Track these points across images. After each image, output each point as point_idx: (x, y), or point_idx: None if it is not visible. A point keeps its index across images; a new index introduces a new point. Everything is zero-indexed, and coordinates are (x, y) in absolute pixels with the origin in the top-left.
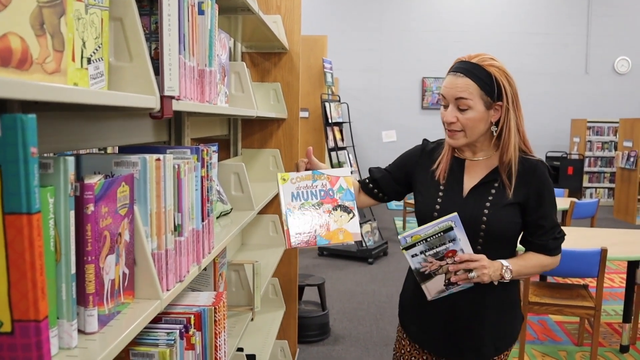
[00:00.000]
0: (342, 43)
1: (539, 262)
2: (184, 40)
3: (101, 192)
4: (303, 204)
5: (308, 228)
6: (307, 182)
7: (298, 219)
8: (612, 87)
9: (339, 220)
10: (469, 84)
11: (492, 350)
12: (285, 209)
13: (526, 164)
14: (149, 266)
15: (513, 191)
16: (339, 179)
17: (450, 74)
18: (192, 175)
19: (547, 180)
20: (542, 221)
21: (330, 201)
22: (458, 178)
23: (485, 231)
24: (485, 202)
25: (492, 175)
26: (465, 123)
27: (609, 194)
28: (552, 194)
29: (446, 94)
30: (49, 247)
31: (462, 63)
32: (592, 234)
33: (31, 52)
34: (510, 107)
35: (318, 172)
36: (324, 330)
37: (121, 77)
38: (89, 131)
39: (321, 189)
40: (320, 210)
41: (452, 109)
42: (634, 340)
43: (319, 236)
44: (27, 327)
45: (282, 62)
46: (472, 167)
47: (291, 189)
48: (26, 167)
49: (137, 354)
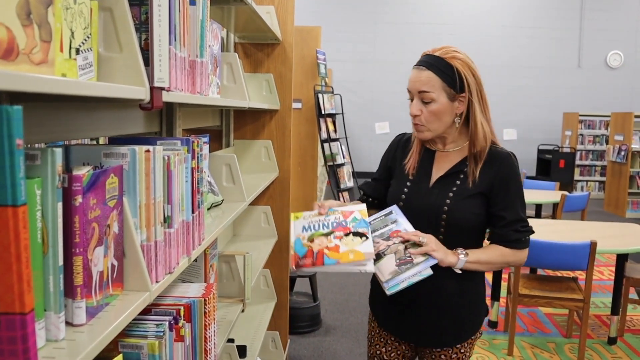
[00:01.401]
0: (336, 34)
1: (499, 253)
2: (175, 30)
3: (89, 184)
4: (313, 234)
5: (315, 251)
6: (317, 217)
7: (305, 247)
8: (604, 81)
9: (350, 243)
10: (431, 77)
11: (452, 339)
12: (294, 239)
13: (495, 154)
14: (138, 258)
15: (478, 181)
16: (353, 212)
17: (415, 68)
18: (182, 167)
19: (515, 172)
20: (505, 212)
21: (343, 229)
22: (427, 169)
23: (446, 221)
24: (449, 193)
25: (460, 166)
26: (428, 116)
27: (600, 187)
28: (518, 186)
29: (410, 87)
30: (36, 239)
31: (426, 57)
32: (582, 227)
33: (17, 42)
34: (474, 99)
35: (332, 209)
36: (315, 322)
37: (111, 67)
38: (80, 122)
39: (334, 221)
40: (330, 237)
41: (416, 102)
42: (621, 332)
43: (327, 256)
44: (13, 320)
45: (275, 53)
46: (442, 158)
47: (303, 223)
48: (11, 159)
49: (126, 345)
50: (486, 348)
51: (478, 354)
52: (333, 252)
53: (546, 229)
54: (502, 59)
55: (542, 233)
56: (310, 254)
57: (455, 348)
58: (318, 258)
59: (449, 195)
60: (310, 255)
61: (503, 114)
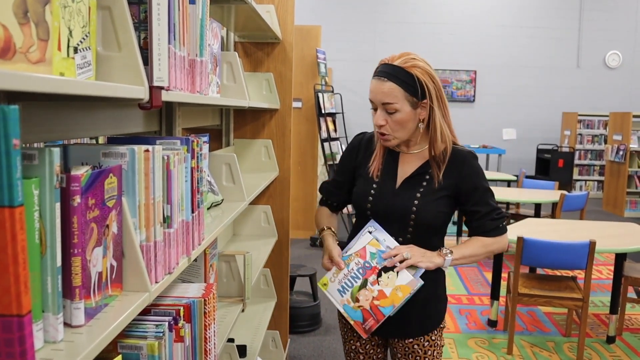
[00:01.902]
0: (336, 33)
1: (481, 244)
2: (174, 29)
3: (88, 184)
4: (352, 293)
5: (368, 308)
6: (342, 273)
7: (357, 309)
8: (603, 81)
9: (389, 282)
10: (394, 87)
11: (418, 329)
12: (342, 308)
13: (456, 156)
14: (138, 258)
15: (443, 182)
16: (365, 248)
17: (375, 78)
18: (181, 167)
19: (477, 169)
20: (478, 207)
21: (371, 272)
22: (392, 170)
23: (415, 220)
24: (416, 193)
25: (425, 167)
26: (393, 125)
27: (598, 187)
28: (483, 180)
29: (373, 98)
30: (33, 240)
31: (386, 66)
32: (581, 226)
33: (14, 41)
34: (434, 105)
35: (346, 257)
36: (315, 321)
37: (109, 67)
38: (79, 121)
39: (357, 268)
40: (369, 287)
41: (380, 113)
42: (620, 331)
43: (380, 308)
44: (10, 322)
45: (275, 52)
46: (406, 159)
47: (335, 287)
48: (8, 159)
49: (125, 346)
50: (486, 347)
51: (478, 353)
52: (383, 299)
53: (545, 228)
54: (501, 59)
55: (541, 232)
56: (368, 314)
57: (426, 336)
58: (377, 314)
59: (417, 196)
60: (368, 315)
61: (502, 113)
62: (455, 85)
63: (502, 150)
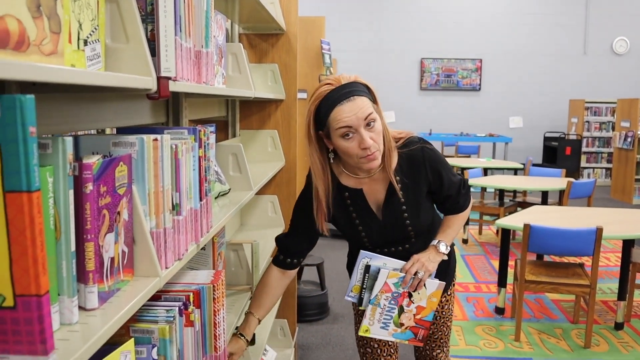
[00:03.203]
0: (340, 24)
1: (460, 220)
2: (180, 21)
3: (99, 172)
4: (395, 322)
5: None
6: (377, 312)
7: (406, 330)
8: (611, 68)
9: (421, 296)
10: (364, 100)
11: None
12: (392, 338)
13: (412, 156)
14: (148, 244)
15: (416, 188)
16: (386, 283)
17: (343, 103)
18: (189, 155)
19: (436, 158)
20: (449, 191)
21: (402, 297)
22: (364, 206)
23: (414, 231)
24: (403, 213)
25: (391, 186)
26: (377, 138)
27: (606, 174)
28: (445, 164)
29: (354, 121)
30: (49, 226)
31: (341, 88)
32: (588, 213)
33: (28, 34)
34: (380, 108)
35: (374, 300)
36: (323, 310)
37: (118, 58)
38: (87, 113)
39: (389, 302)
40: (407, 310)
41: (365, 132)
42: (628, 317)
43: (424, 318)
44: (29, 301)
45: (279, 43)
46: (370, 187)
47: (378, 327)
48: (25, 146)
49: (137, 330)
50: (493, 334)
51: (485, 340)
52: (423, 312)
53: (552, 215)
54: (507, 47)
55: (548, 220)
56: (416, 329)
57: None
58: (423, 324)
59: (405, 215)
60: (416, 329)
61: (509, 102)
62: (461, 74)
63: (509, 138)
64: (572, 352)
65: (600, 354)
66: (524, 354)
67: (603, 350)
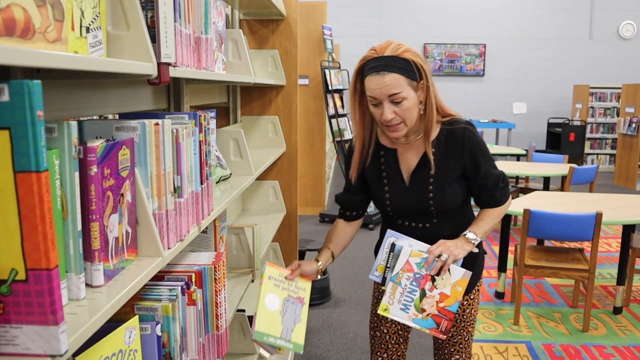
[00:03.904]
0: (342, 9)
1: (496, 214)
2: (180, 8)
3: (103, 155)
4: (416, 306)
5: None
6: (397, 292)
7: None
8: (617, 53)
9: (445, 282)
10: (396, 77)
11: None
12: (412, 323)
13: (453, 133)
14: (151, 225)
15: (450, 165)
16: (409, 262)
17: (373, 75)
18: (190, 140)
19: (477, 142)
20: (485, 180)
21: (425, 280)
22: (395, 168)
23: (435, 209)
24: (428, 186)
25: (426, 156)
26: (403, 114)
27: (610, 161)
28: (485, 152)
29: (378, 94)
30: (56, 206)
31: (379, 60)
32: (589, 198)
33: (33, 22)
34: (429, 84)
35: (395, 277)
36: (324, 294)
37: (119, 45)
38: (90, 99)
39: (410, 282)
40: (429, 295)
41: (388, 106)
42: (627, 302)
43: (447, 308)
44: (40, 275)
45: (280, 29)
46: (406, 152)
47: (397, 308)
48: (34, 128)
49: (141, 308)
50: (493, 318)
51: (485, 323)
52: (447, 300)
53: (553, 201)
54: (511, 31)
55: (549, 205)
56: (439, 318)
57: (466, 295)
58: (447, 314)
59: (429, 189)
60: (439, 319)
61: (512, 87)
62: (464, 59)
63: (512, 124)
64: (570, 335)
65: (598, 337)
66: (523, 338)
67: (601, 334)
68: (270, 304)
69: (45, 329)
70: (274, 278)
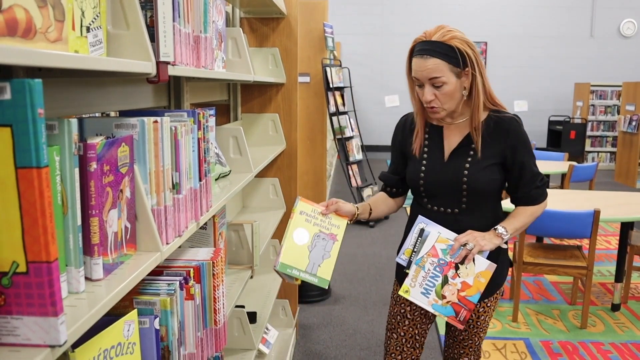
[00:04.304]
0: (343, 7)
1: (529, 213)
2: (179, 8)
3: (103, 152)
4: (437, 292)
5: (457, 301)
6: (420, 276)
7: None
8: (618, 50)
9: (469, 272)
10: (438, 62)
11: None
12: (431, 308)
13: (500, 122)
14: (149, 221)
15: (490, 151)
16: (435, 247)
17: (417, 57)
18: (189, 137)
19: (521, 134)
20: (522, 174)
21: (448, 267)
22: (438, 144)
23: (467, 190)
24: (465, 164)
25: (469, 137)
26: (442, 98)
27: (611, 158)
28: (528, 146)
29: (419, 76)
30: (56, 201)
31: (425, 44)
32: (588, 196)
33: (35, 22)
34: (476, 72)
35: (419, 260)
36: (324, 291)
37: (119, 44)
38: (91, 97)
39: (434, 267)
40: (451, 282)
41: (428, 89)
42: (625, 299)
43: (468, 298)
44: (40, 267)
45: (280, 27)
46: (451, 132)
47: (418, 291)
48: (35, 126)
49: (140, 302)
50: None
51: None
52: (468, 290)
53: (553, 198)
54: (511, 29)
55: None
56: (458, 307)
57: (482, 302)
58: (467, 304)
59: (466, 166)
60: (459, 307)
61: (513, 85)
62: None
63: None
64: (568, 332)
65: (595, 334)
66: (521, 334)
67: (599, 330)
68: (298, 238)
69: (45, 320)
70: (305, 213)
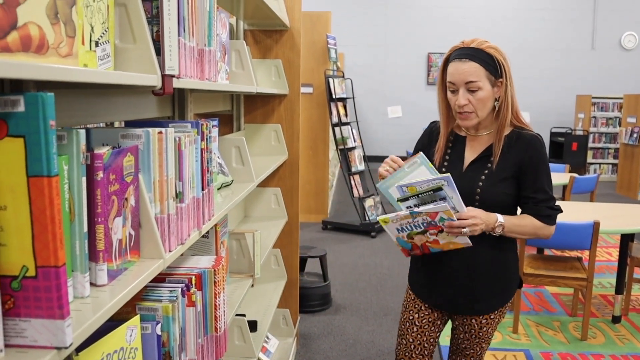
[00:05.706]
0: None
1: (531, 223)
2: (184, 22)
3: (109, 161)
4: (410, 233)
5: (419, 245)
6: (406, 220)
7: (409, 242)
8: (619, 63)
9: (447, 238)
10: (476, 67)
11: (485, 306)
12: (395, 239)
13: (521, 137)
14: (153, 229)
15: (508, 165)
16: (438, 213)
17: (455, 61)
18: (192, 148)
19: (542, 154)
20: (536, 194)
21: (435, 228)
22: (460, 153)
23: (479, 201)
24: (481, 176)
25: (489, 150)
26: (476, 104)
27: (613, 170)
28: (546, 167)
29: (456, 80)
30: (64, 208)
31: (463, 50)
32: (588, 208)
33: (47, 38)
34: (508, 83)
35: (415, 212)
36: (325, 301)
37: (126, 58)
38: (98, 107)
39: (422, 222)
40: (426, 234)
41: (463, 93)
42: (626, 311)
43: (431, 247)
44: (49, 272)
45: (283, 39)
46: (473, 143)
47: (394, 226)
48: (46, 137)
49: (142, 308)
50: None
51: None
52: (434, 245)
53: None
54: (515, 42)
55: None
56: (416, 247)
57: (486, 315)
58: (424, 248)
59: (481, 178)
60: (417, 248)
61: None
62: None
63: None
64: (568, 344)
65: (595, 346)
66: (521, 346)
67: (599, 342)
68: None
69: (52, 323)
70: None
